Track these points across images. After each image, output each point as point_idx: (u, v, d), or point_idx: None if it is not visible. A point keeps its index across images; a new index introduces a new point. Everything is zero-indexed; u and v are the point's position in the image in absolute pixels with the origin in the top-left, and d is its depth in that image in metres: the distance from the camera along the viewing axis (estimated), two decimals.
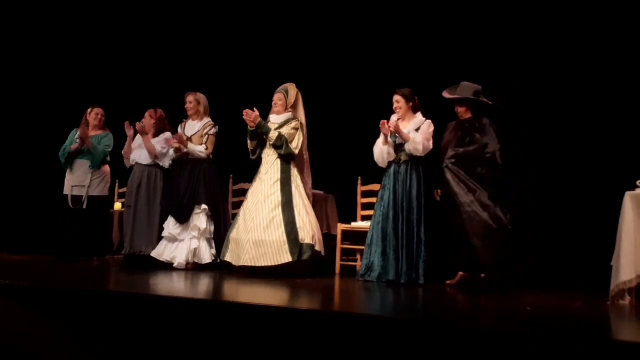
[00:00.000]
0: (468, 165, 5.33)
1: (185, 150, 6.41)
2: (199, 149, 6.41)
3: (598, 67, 6.21)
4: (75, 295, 4.28)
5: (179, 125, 6.65)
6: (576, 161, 6.19)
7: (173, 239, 6.31)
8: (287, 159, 6.06)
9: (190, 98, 6.57)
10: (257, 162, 6.22)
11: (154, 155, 6.61)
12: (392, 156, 5.71)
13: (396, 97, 5.74)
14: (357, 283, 5.52)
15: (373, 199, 6.43)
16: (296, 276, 5.64)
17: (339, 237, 6.34)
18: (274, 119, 6.14)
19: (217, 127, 6.53)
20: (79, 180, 6.80)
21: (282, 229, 5.76)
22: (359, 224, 6.38)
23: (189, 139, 6.45)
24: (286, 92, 6.19)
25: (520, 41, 6.52)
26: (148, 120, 6.73)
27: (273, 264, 5.70)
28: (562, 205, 6.21)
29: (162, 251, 6.34)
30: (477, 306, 4.53)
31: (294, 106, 6.21)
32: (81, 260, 6.67)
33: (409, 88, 5.77)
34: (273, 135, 6.00)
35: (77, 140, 6.82)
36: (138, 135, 6.72)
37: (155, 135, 6.70)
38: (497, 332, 3.21)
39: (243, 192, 6.60)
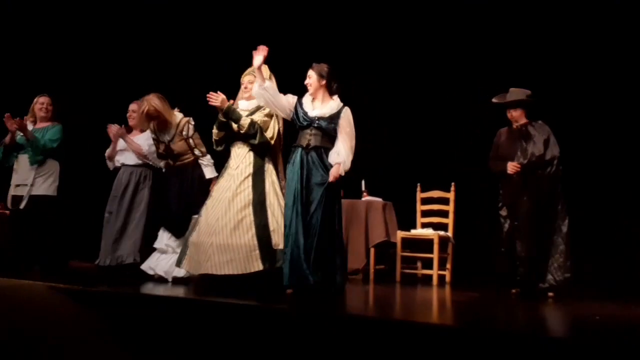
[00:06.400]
0: (533, 174, 5.25)
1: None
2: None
3: (624, 66, 6.10)
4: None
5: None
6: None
7: (170, 252, 5.56)
8: (261, 150, 5.22)
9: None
10: (224, 155, 5.39)
11: (143, 155, 5.81)
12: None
13: (309, 72, 4.94)
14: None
15: (433, 206, 6.45)
16: (268, 286, 4.91)
17: (399, 245, 6.32)
18: (244, 106, 5.30)
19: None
20: (22, 179, 5.98)
21: (252, 232, 4.99)
22: (419, 232, 6.36)
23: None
24: None
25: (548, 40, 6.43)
26: (139, 115, 5.78)
27: (241, 272, 4.93)
28: (619, 212, 6.08)
29: (155, 264, 5.57)
30: (544, 315, 4.48)
31: None
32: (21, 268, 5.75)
33: (329, 65, 4.92)
34: (245, 122, 5.13)
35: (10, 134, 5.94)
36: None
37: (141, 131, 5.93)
38: (570, 343, 3.19)
39: None
